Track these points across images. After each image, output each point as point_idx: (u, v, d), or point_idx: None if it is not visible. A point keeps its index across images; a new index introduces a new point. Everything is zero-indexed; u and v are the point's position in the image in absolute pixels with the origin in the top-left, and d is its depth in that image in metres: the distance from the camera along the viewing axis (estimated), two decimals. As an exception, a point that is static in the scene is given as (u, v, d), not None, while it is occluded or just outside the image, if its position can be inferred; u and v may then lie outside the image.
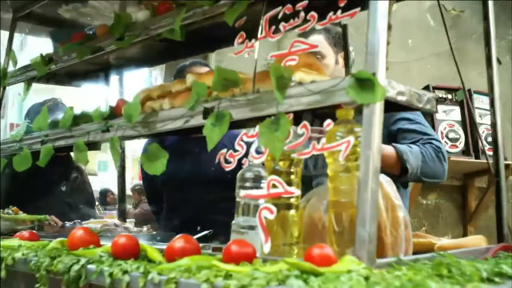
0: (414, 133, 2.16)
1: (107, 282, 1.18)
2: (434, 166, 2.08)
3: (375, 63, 1.21)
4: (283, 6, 1.45)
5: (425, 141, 2.12)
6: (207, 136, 1.47)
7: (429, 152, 2.09)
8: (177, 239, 1.29)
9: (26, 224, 2.55)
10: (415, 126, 2.18)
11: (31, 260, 1.45)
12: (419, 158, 2.04)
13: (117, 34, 1.94)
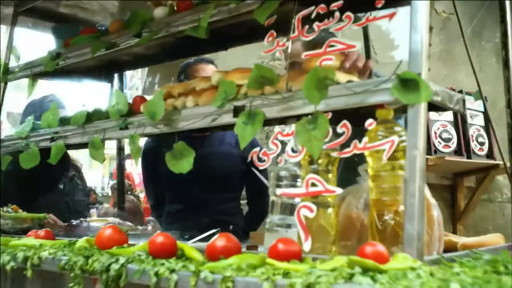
0: None
1: (153, 281, 1.17)
2: None
3: (418, 63, 1.22)
4: (316, 6, 1.46)
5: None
6: (239, 135, 1.47)
7: None
8: (218, 238, 1.28)
9: (27, 223, 2.50)
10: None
11: (61, 259, 1.43)
12: None
13: (134, 30, 1.91)
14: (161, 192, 2.89)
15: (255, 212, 2.90)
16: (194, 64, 2.67)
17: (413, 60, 1.23)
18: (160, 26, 1.86)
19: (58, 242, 1.67)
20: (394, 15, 1.33)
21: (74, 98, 3.45)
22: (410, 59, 1.23)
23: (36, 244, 1.63)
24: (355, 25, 1.39)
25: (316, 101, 1.29)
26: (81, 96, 4.30)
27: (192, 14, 1.77)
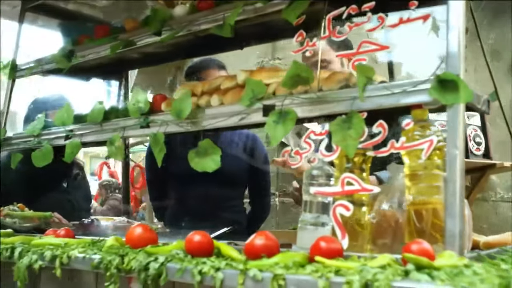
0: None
1: (197, 279, 1.17)
2: None
3: (456, 64, 1.25)
4: (347, 6, 1.48)
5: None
6: (270, 134, 1.48)
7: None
8: (258, 237, 1.28)
9: (34, 221, 2.47)
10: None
11: (93, 258, 1.42)
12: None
13: (153, 28, 1.90)
14: (165, 191, 2.88)
15: (257, 212, 2.91)
16: (206, 69, 2.62)
17: (450, 61, 1.25)
18: (181, 25, 1.86)
19: (81, 241, 1.66)
20: (429, 17, 1.35)
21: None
22: (448, 60, 1.26)
23: (61, 243, 1.62)
24: (388, 26, 1.40)
25: (362, 100, 1.31)
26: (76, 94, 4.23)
27: (215, 13, 1.77)
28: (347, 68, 2.30)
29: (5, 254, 1.66)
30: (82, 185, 3.07)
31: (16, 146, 2.29)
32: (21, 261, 1.56)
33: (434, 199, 1.26)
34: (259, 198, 2.90)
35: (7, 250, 1.67)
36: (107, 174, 8.52)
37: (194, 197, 2.71)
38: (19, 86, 2.53)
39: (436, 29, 1.41)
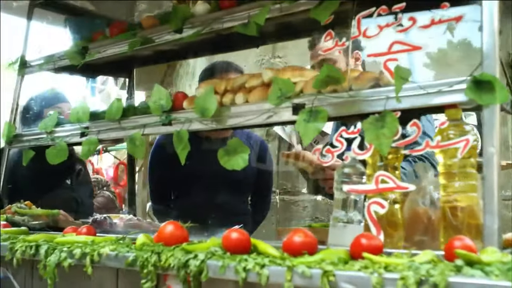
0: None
1: (242, 276, 1.19)
2: None
3: (492, 65, 1.27)
4: (377, 7, 1.50)
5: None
6: (301, 132, 1.50)
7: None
8: (296, 234, 1.30)
9: (42, 219, 2.45)
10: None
11: (126, 256, 1.42)
12: (412, 177, 2.11)
13: (174, 26, 1.90)
14: (168, 190, 2.87)
15: (258, 211, 2.93)
16: (225, 72, 2.62)
17: (486, 62, 1.28)
18: (206, 23, 1.86)
19: (106, 238, 1.66)
20: (461, 18, 1.38)
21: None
22: (483, 61, 1.28)
23: (87, 241, 1.61)
24: (420, 27, 1.43)
25: (398, 100, 1.33)
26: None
27: (240, 11, 1.77)
28: (353, 67, 2.37)
29: (29, 252, 1.65)
30: (85, 182, 3.05)
31: (28, 143, 2.27)
32: (49, 259, 1.55)
33: (470, 197, 1.29)
34: (261, 198, 2.93)
35: (31, 248, 1.66)
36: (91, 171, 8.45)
37: (200, 198, 2.71)
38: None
39: (452, 30, 1.45)
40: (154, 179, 2.90)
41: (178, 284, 1.33)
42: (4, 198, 2.35)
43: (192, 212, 2.73)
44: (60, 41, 2.57)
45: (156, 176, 2.89)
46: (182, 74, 5.24)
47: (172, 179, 2.75)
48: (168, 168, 2.74)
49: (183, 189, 2.77)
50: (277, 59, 3.86)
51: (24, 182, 2.65)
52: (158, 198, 2.91)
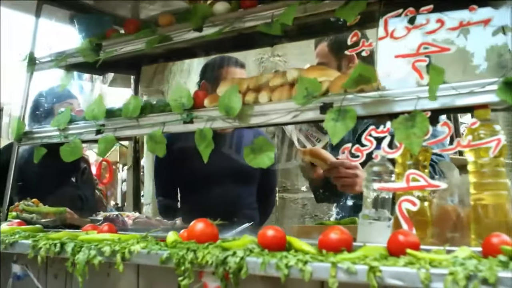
0: None
1: (285, 273, 1.21)
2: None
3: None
4: (404, 8, 1.53)
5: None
6: (330, 131, 1.52)
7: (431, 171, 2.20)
8: (332, 231, 1.32)
9: (50, 217, 2.44)
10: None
11: (159, 253, 1.43)
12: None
13: (194, 24, 1.91)
14: (175, 187, 2.88)
15: (264, 208, 2.96)
16: (226, 66, 2.63)
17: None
18: (227, 21, 1.87)
19: (131, 236, 1.66)
20: (490, 21, 1.42)
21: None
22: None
23: (113, 238, 1.61)
24: (448, 29, 1.46)
25: (434, 99, 1.36)
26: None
27: (263, 10, 1.79)
28: (345, 70, 2.40)
29: (53, 250, 1.65)
30: (89, 179, 3.04)
31: (40, 141, 2.25)
32: (78, 257, 1.55)
33: (500, 195, 1.33)
34: (266, 195, 2.95)
35: (55, 246, 1.65)
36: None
37: (210, 194, 2.72)
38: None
39: (466, 33, 1.49)
40: (161, 176, 2.91)
41: (214, 281, 1.35)
42: (14, 196, 2.33)
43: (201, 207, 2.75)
44: (67, 39, 2.56)
45: (163, 172, 2.90)
46: (175, 71, 5.23)
47: (179, 175, 2.76)
48: (175, 164, 2.76)
49: (190, 184, 2.77)
50: (276, 58, 3.88)
51: (30, 180, 2.63)
52: (165, 194, 2.91)
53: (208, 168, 2.66)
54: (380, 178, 1.47)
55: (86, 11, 2.55)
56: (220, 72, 2.60)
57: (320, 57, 2.42)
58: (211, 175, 2.69)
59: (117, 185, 8.99)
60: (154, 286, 1.74)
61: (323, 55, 2.41)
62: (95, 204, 3.01)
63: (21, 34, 2.67)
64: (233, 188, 2.73)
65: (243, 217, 2.57)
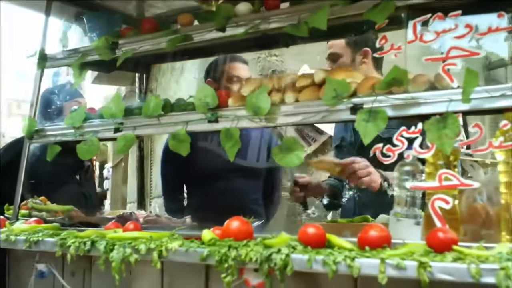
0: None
1: (333, 269, 1.24)
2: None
3: (551, 72, 1.38)
4: (433, 13, 1.58)
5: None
6: (361, 131, 1.56)
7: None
8: (372, 229, 1.37)
9: (58, 215, 2.43)
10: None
11: (199, 251, 1.45)
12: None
13: (217, 24, 1.93)
14: (181, 184, 2.89)
15: (269, 206, 2.99)
16: (230, 62, 2.66)
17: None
18: (245, 22, 1.90)
19: (163, 234, 1.67)
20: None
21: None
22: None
23: (145, 236, 1.63)
24: (477, 34, 1.52)
25: (468, 101, 1.41)
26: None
27: (289, 12, 1.82)
28: (359, 66, 2.47)
29: (83, 248, 1.65)
30: (92, 177, 3.03)
31: (53, 138, 2.24)
32: (112, 255, 1.55)
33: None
34: (271, 192, 2.98)
35: (85, 244, 1.66)
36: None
37: (218, 190, 2.74)
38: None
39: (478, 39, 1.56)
40: (167, 173, 2.91)
41: (256, 277, 1.38)
42: (26, 193, 2.31)
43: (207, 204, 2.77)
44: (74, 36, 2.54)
45: (169, 170, 2.90)
46: (165, 70, 5.21)
47: (185, 173, 2.78)
48: (182, 162, 2.77)
49: (196, 181, 2.79)
50: (273, 57, 3.92)
51: (36, 178, 2.60)
52: (171, 192, 2.92)
53: (214, 165, 2.71)
54: (411, 178, 1.52)
55: (93, 9, 2.54)
56: (224, 68, 2.64)
57: (335, 48, 2.47)
58: (217, 171, 2.72)
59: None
60: (178, 283, 1.76)
61: (340, 47, 2.46)
62: (98, 201, 3.00)
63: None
64: (239, 184, 2.75)
65: (250, 213, 2.61)
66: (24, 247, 1.79)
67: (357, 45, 2.50)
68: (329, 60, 2.51)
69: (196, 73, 4.29)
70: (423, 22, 1.59)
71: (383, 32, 1.71)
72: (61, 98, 2.74)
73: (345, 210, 2.62)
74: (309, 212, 3.68)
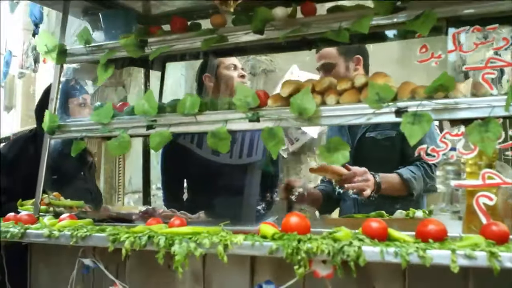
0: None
1: (407, 259, 1.36)
2: (432, 182, 2.45)
3: None
4: (471, 26, 1.73)
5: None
6: (407, 133, 1.69)
7: (428, 171, 2.46)
8: (430, 223, 1.49)
9: (73, 210, 2.44)
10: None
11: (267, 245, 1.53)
12: (421, 181, 2.44)
13: (254, 27, 2.00)
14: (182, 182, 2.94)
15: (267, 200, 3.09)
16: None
17: None
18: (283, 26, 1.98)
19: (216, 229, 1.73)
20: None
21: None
22: None
23: (203, 231, 1.68)
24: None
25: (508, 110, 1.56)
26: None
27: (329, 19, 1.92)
28: (353, 73, 2.61)
29: (138, 242, 1.69)
30: (95, 173, 3.02)
31: (78, 134, 2.24)
32: (174, 249, 1.60)
33: None
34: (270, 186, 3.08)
35: (140, 239, 1.69)
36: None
37: (216, 185, 2.81)
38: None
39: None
40: (168, 173, 2.94)
41: (325, 269, 1.47)
42: (47, 189, 2.30)
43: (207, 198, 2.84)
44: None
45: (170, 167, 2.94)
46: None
47: (185, 169, 2.83)
48: (182, 161, 2.82)
49: (196, 177, 2.84)
50: (263, 57, 4.01)
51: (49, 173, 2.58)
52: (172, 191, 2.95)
53: (213, 162, 2.78)
54: (453, 176, 1.66)
55: (103, 6, 2.54)
56: (218, 60, 2.71)
57: (327, 58, 2.60)
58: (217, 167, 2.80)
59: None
60: (219, 275, 1.83)
61: (332, 56, 2.60)
62: (100, 197, 3.00)
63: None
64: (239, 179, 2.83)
65: (248, 208, 2.71)
66: (71, 242, 1.80)
67: (349, 53, 2.65)
68: (322, 70, 2.62)
69: (183, 70, 4.32)
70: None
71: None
72: (70, 95, 2.72)
73: (344, 208, 2.76)
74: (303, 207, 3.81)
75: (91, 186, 2.90)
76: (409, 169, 2.44)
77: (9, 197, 2.55)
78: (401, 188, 2.41)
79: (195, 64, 3.15)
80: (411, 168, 2.44)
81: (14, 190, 2.56)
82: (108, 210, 2.68)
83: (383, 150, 2.54)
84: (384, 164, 2.46)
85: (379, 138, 2.56)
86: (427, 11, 1.76)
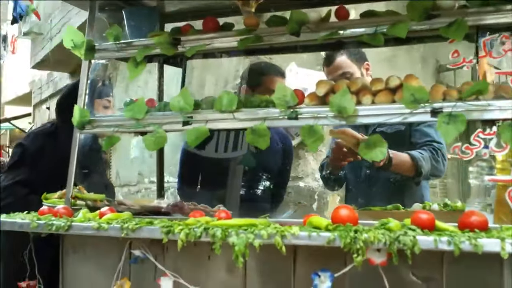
0: (423, 135, 2.69)
1: (459, 247, 1.50)
2: (438, 166, 2.66)
3: None
4: (500, 34, 1.88)
5: (430, 144, 2.67)
6: (443, 132, 1.83)
7: (435, 154, 2.66)
8: (472, 214, 1.64)
9: (98, 204, 2.48)
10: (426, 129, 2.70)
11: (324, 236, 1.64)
12: (429, 162, 2.62)
13: (290, 28, 2.10)
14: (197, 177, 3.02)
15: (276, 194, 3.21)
16: (270, 75, 2.86)
17: None
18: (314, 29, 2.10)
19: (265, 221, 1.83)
20: None
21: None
22: None
23: (256, 223, 1.78)
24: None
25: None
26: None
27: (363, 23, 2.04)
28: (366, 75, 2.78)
29: (193, 234, 1.76)
30: (106, 167, 3.05)
31: (110, 129, 2.28)
32: (232, 240, 1.69)
33: None
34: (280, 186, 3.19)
35: (195, 230, 1.77)
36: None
37: (229, 179, 2.91)
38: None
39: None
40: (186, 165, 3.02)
41: (379, 257, 1.59)
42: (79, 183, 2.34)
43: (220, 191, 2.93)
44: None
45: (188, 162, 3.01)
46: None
47: (201, 164, 2.92)
48: (199, 157, 2.91)
49: (211, 171, 2.93)
50: (262, 56, 4.08)
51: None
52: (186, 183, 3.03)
53: (228, 158, 2.88)
54: (486, 172, 1.82)
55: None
56: (264, 79, 2.81)
57: (344, 68, 2.75)
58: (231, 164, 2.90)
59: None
60: (260, 266, 1.93)
61: (348, 66, 2.76)
62: (113, 191, 3.04)
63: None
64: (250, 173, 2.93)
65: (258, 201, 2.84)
66: (122, 235, 1.86)
67: (360, 60, 2.80)
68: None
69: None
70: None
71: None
72: (96, 95, 2.75)
73: (351, 199, 2.90)
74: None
75: (106, 181, 2.94)
76: (418, 151, 2.59)
77: (31, 190, 2.56)
78: (410, 167, 2.56)
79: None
80: (419, 150, 2.60)
81: (36, 183, 2.58)
82: (123, 203, 2.73)
83: (393, 143, 2.67)
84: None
85: (389, 132, 2.70)
86: (459, 19, 1.90)
